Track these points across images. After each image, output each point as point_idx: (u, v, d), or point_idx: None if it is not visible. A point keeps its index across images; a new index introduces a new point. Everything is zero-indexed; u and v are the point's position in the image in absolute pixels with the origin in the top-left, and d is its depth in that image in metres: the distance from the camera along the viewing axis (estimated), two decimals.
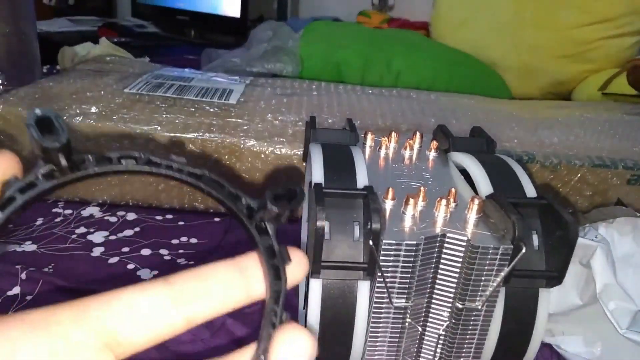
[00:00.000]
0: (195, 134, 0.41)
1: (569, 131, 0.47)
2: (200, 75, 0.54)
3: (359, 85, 0.58)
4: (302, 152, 0.41)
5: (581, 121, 0.50)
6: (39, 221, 0.42)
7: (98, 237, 0.40)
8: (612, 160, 0.42)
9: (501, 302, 0.22)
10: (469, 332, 0.22)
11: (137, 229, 0.42)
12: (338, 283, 0.22)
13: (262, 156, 0.41)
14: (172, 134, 0.41)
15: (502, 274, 0.21)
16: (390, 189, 0.23)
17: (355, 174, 0.24)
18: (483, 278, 0.21)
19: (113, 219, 0.43)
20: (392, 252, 0.21)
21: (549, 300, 0.22)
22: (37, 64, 0.61)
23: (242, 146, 0.41)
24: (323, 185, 0.23)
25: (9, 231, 0.40)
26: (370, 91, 0.55)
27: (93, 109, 0.42)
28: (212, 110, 0.45)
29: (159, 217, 0.44)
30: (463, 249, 0.21)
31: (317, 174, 0.24)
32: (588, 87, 0.73)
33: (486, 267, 0.21)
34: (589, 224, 0.34)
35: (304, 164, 0.37)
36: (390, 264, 0.21)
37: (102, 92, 0.45)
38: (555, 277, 0.22)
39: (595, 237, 0.33)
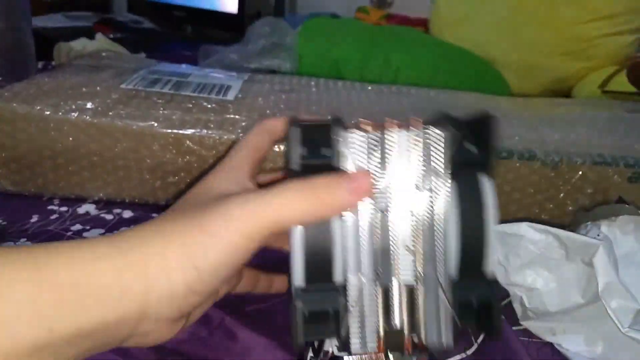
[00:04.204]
0: (192, 130, 0.41)
1: (570, 128, 0.46)
2: (197, 71, 0.54)
3: (358, 81, 0.58)
4: None
5: (582, 118, 0.50)
6: (34, 218, 0.41)
7: (94, 234, 0.40)
8: (613, 157, 0.41)
9: (453, 191, 0.24)
10: (434, 215, 0.24)
11: (133, 227, 0.41)
12: None
13: None
14: (169, 130, 0.41)
15: (447, 155, 0.24)
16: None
17: None
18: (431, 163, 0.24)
19: (109, 217, 0.42)
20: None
21: (492, 188, 0.25)
22: (32, 60, 0.61)
23: None
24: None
25: (4, 229, 0.40)
26: (369, 88, 0.55)
27: (89, 105, 0.42)
28: (209, 106, 0.44)
29: (155, 215, 0.43)
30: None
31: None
32: (588, 84, 0.73)
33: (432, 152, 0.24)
34: (591, 222, 0.34)
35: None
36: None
37: (98, 88, 0.45)
38: (487, 164, 0.25)
39: (598, 236, 0.32)
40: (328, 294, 0.23)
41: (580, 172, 0.41)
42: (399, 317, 0.24)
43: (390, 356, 0.24)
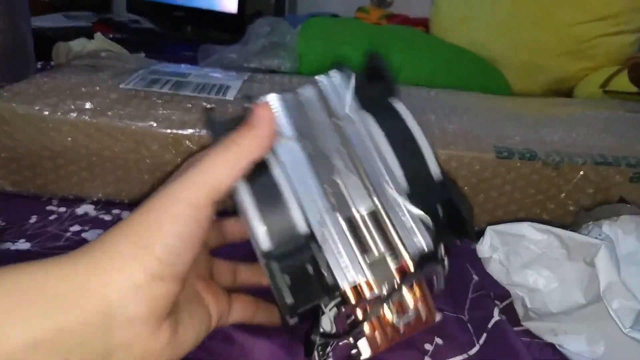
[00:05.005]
0: (192, 130, 0.41)
1: (571, 129, 0.46)
2: (197, 70, 0.54)
3: None
4: None
5: (583, 119, 0.50)
6: (33, 219, 0.41)
7: (92, 235, 0.40)
8: (615, 157, 0.41)
9: (371, 117, 0.27)
10: (364, 141, 0.26)
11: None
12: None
13: None
14: (168, 131, 0.40)
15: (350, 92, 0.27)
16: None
17: None
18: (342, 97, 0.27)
19: (108, 218, 0.42)
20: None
21: (403, 105, 0.28)
22: (32, 60, 0.61)
23: None
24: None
25: (2, 229, 0.39)
26: None
27: (88, 105, 0.41)
28: (209, 106, 0.44)
29: None
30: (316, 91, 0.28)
31: None
32: (589, 84, 0.73)
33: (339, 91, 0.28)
34: (592, 222, 0.34)
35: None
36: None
37: (97, 88, 0.45)
38: (390, 91, 0.28)
39: (599, 235, 0.32)
40: (298, 245, 0.24)
41: (582, 172, 0.41)
42: (374, 245, 0.24)
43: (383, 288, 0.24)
